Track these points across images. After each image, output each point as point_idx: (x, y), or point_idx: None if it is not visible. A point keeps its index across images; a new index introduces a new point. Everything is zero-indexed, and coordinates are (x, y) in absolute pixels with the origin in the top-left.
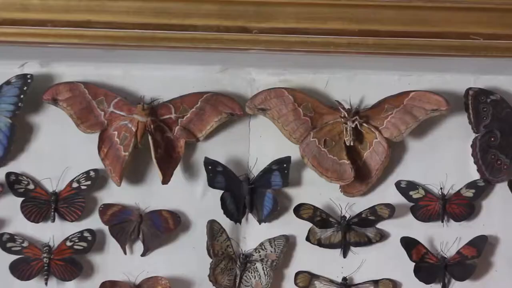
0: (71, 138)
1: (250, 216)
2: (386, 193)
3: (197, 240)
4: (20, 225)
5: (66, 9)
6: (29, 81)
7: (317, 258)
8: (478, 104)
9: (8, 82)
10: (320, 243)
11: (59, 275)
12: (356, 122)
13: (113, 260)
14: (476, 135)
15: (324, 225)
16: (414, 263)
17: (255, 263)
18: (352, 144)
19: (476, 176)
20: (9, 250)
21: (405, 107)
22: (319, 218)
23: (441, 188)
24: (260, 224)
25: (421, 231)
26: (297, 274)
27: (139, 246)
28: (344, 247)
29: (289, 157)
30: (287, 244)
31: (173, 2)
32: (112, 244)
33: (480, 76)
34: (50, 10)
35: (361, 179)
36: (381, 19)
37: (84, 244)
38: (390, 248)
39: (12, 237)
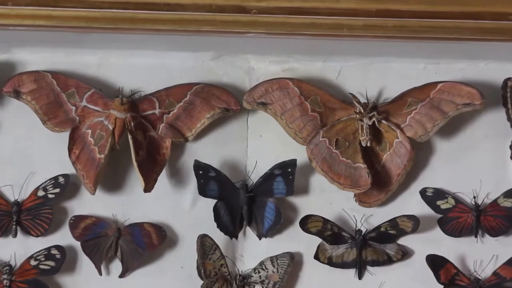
0: (36, 137)
1: (248, 230)
2: (409, 203)
3: (185, 259)
4: None
5: None
6: None
7: (328, 279)
8: None
9: None
10: (331, 262)
11: None
12: (374, 119)
13: (86, 282)
14: None
15: (336, 240)
16: (442, 286)
17: (254, 286)
18: (368, 145)
19: None
20: None
21: (432, 101)
22: (330, 232)
23: (474, 197)
24: (260, 239)
25: (451, 247)
26: None
27: (117, 266)
28: (360, 266)
29: (295, 160)
30: (292, 263)
31: None
32: (85, 263)
33: None
34: None
35: (380, 186)
36: None
37: (52, 263)
38: (414, 268)
39: None
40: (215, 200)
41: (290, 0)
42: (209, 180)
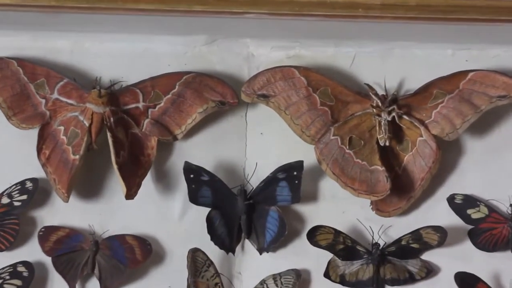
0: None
1: (247, 243)
2: (435, 212)
3: (174, 276)
4: None
5: None
6: None
7: None
8: None
9: None
10: (343, 281)
11: None
12: (394, 114)
13: None
14: None
15: (349, 255)
16: None
17: None
18: (387, 144)
19: None
20: None
21: (461, 93)
22: (343, 246)
23: (510, 205)
24: (261, 254)
25: (483, 264)
26: None
27: (94, 285)
28: (377, 286)
29: (301, 162)
30: (298, 281)
31: None
32: (56, 282)
33: None
34: None
35: (400, 193)
36: None
37: (18, 282)
38: (441, 287)
39: None
40: (209, 209)
41: None
42: (202, 185)
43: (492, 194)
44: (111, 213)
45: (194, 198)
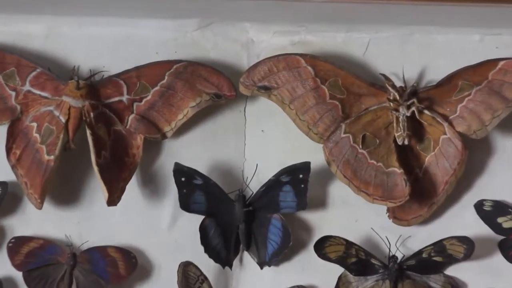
0: None
1: (246, 256)
2: (461, 220)
3: None
4: None
5: None
6: None
7: None
8: None
9: None
10: None
11: None
12: (413, 109)
13: None
14: None
15: (363, 270)
16: None
17: None
18: (406, 143)
19: None
20: None
21: (491, 85)
22: (355, 259)
23: None
24: (262, 268)
25: None
26: None
27: None
28: None
29: (308, 163)
30: None
31: None
32: None
33: None
34: None
35: (421, 198)
36: None
37: None
38: None
39: None
40: (202, 217)
41: None
42: (194, 189)
43: None
44: (91, 222)
45: (186, 204)
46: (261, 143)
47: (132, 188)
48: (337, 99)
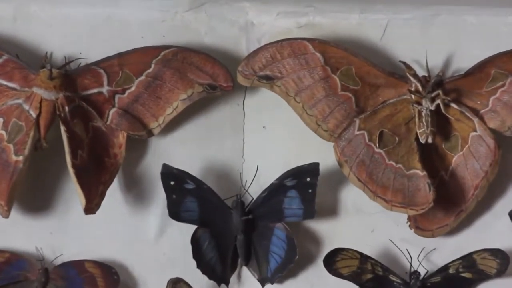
0: None
1: (245, 271)
2: (493, 231)
3: None
4: None
5: None
6: None
7: None
8: None
9: None
10: None
11: None
12: (438, 101)
13: None
14: None
15: (380, 287)
16: None
17: None
18: (430, 141)
19: None
20: None
21: None
22: (371, 275)
23: None
24: (263, 286)
25: None
26: None
27: None
28: None
29: (317, 164)
30: None
31: None
32: None
33: None
34: None
35: (448, 205)
36: None
37: None
38: None
39: None
40: (195, 226)
41: None
42: (186, 195)
43: None
44: (65, 233)
45: (176, 212)
46: (262, 141)
47: (114, 193)
48: (350, 91)
